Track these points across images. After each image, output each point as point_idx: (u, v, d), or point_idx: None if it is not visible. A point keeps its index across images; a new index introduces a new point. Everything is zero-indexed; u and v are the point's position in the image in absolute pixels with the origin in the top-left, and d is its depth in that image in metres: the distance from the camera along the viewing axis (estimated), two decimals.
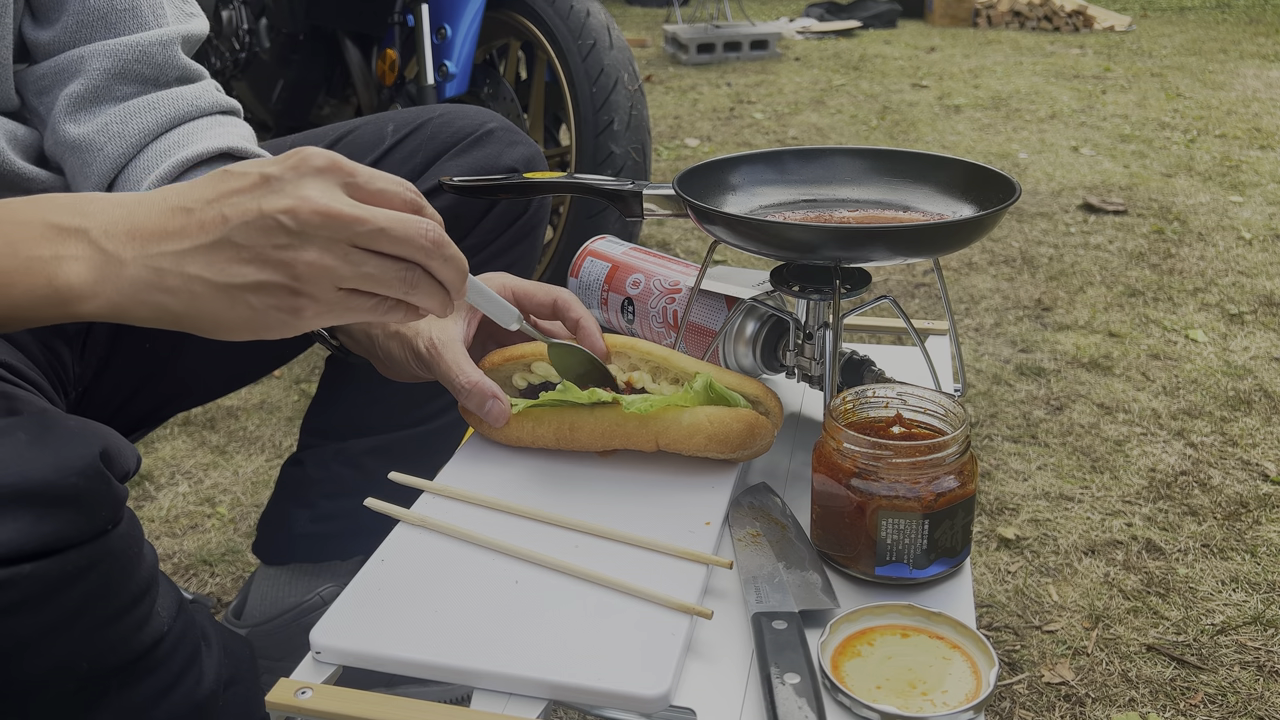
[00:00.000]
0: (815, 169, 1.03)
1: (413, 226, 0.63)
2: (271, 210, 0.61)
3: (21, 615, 0.60)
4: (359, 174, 0.64)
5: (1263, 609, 1.40)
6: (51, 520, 0.60)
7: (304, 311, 0.63)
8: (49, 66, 0.88)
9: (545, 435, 0.87)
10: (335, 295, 0.63)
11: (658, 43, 6.38)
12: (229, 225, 0.61)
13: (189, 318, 0.63)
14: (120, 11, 0.89)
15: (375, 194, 0.64)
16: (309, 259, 0.61)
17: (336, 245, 0.62)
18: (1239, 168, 3.47)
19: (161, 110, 0.89)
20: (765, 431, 0.84)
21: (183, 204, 0.62)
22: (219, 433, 1.93)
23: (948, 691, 0.64)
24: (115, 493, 0.64)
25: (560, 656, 0.66)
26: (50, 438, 0.61)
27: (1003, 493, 1.67)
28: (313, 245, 0.61)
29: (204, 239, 0.61)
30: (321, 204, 0.61)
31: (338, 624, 0.69)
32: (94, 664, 0.66)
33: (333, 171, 0.63)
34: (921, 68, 5.43)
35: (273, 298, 0.62)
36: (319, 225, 0.61)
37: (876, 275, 2.65)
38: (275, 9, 2.47)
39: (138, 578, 0.67)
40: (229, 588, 1.51)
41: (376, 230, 0.62)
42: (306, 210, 0.61)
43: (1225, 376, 2.06)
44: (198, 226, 0.62)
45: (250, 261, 0.61)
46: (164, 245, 0.61)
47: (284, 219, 0.61)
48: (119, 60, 0.88)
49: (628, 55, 2.26)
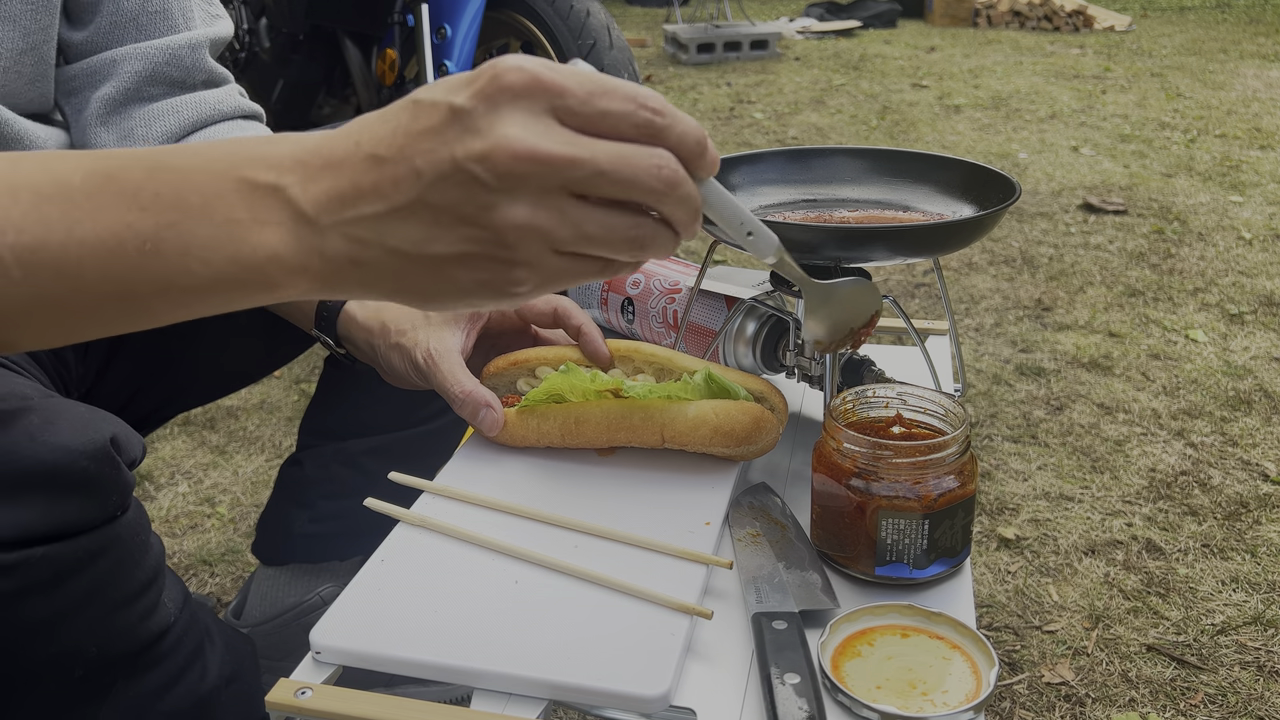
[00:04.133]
0: (815, 169, 1.03)
1: (644, 163, 0.50)
2: (465, 157, 0.49)
3: (33, 598, 0.60)
4: (570, 90, 0.50)
5: (1263, 609, 1.40)
6: (63, 504, 0.60)
7: (521, 285, 0.52)
8: (81, 68, 0.89)
9: (550, 432, 0.87)
10: (556, 262, 0.52)
11: (658, 43, 6.38)
12: (423, 181, 0.49)
13: (397, 293, 0.53)
14: (151, 14, 0.89)
15: (596, 117, 0.50)
16: (516, 219, 0.49)
17: (549, 197, 0.50)
18: (1239, 168, 3.47)
19: (185, 114, 0.90)
20: (771, 426, 0.84)
21: (374, 151, 0.51)
22: (219, 433, 1.93)
23: (948, 691, 0.64)
24: (125, 478, 0.64)
25: (560, 656, 0.66)
26: (61, 423, 0.61)
27: (1003, 493, 1.67)
28: (520, 200, 0.49)
29: (399, 199, 0.50)
30: (523, 145, 0.48)
31: (338, 624, 0.69)
32: (102, 650, 0.66)
33: (534, 93, 0.49)
34: (921, 68, 5.43)
35: (482, 270, 0.51)
36: (523, 174, 0.49)
37: (876, 275, 2.65)
38: (275, 9, 2.47)
39: (145, 566, 0.68)
40: (229, 588, 1.51)
41: (596, 173, 0.49)
42: (505, 155, 0.48)
43: (1225, 376, 2.06)
44: (391, 182, 0.50)
45: (450, 226, 0.50)
46: (360, 207, 0.50)
47: (479, 170, 0.49)
48: (150, 63, 0.89)
49: (628, 55, 2.26)
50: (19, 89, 0.83)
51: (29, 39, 0.82)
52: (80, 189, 0.49)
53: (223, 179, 0.50)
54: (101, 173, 0.50)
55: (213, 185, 0.50)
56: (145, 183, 0.50)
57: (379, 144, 0.51)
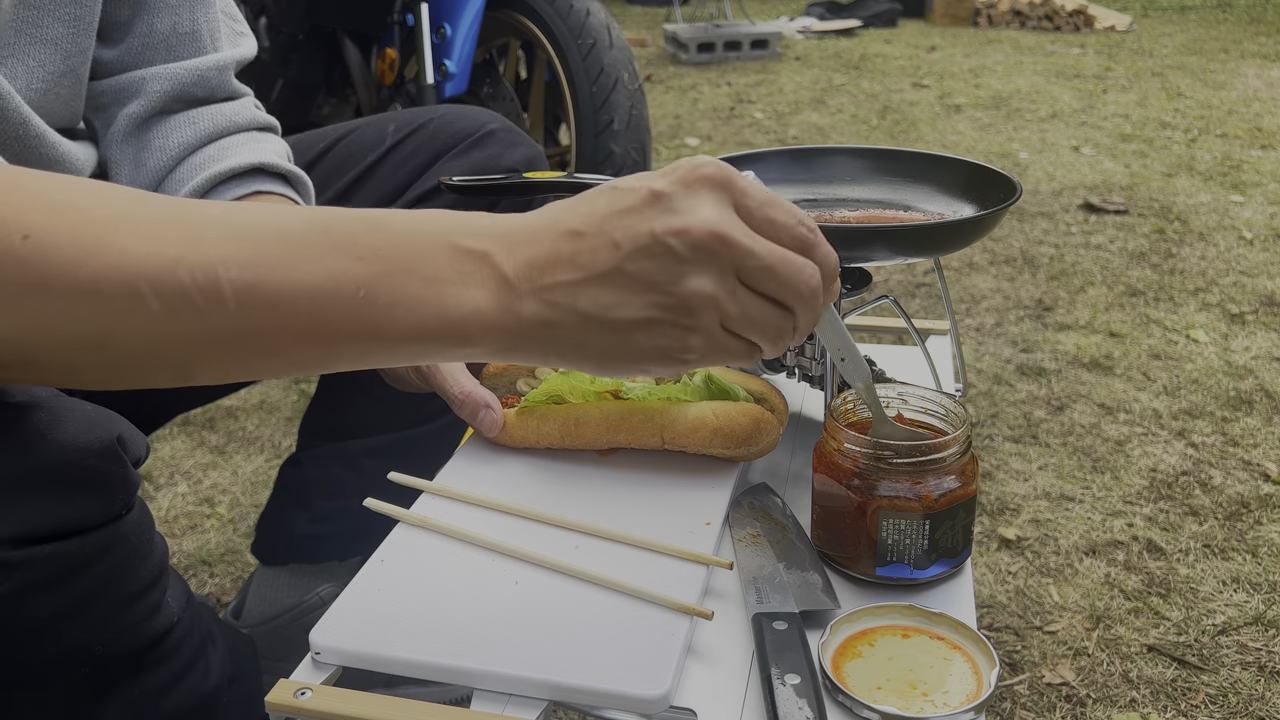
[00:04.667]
0: (816, 168, 1.03)
1: (800, 271, 0.57)
2: (663, 232, 0.54)
3: (39, 596, 0.61)
4: (751, 195, 0.57)
5: (1264, 609, 1.40)
6: (70, 502, 0.60)
7: (691, 351, 0.57)
8: (109, 85, 0.90)
9: (550, 433, 0.87)
10: (720, 335, 0.57)
11: (658, 42, 6.38)
12: (621, 252, 0.55)
13: (573, 357, 0.57)
14: (182, 35, 0.90)
15: (765, 222, 0.57)
16: (699, 288, 0.55)
17: (727, 276, 0.55)
18: (1240, 167, 3.47)
19: (201, 125, 0.91)
20: (770, 428, 0.84)
21: (573, 227, 0.56)
22: (218, 433, 1.93)
23: (949, 692, 0.64)
24: (130, 477, 0.64)
25: (560, 657, 0.66)
26: (69, 421, 0.61)
27: (1003, 493, 1.67)
28: (704, 273, 0.55)
29: (596, 268, 0.55)
30: (717, 225, 0.54)
31: (337, 624, 0.69)
32: (107, 649, 0.66)
33: (726, 187, 0.56)
34: (922, 67, 5.43)
35: (662, 336, 0.56)
36: (712, 251, 0.55)
37: (877, 275, 2.65)
38: (275, 9, 2.47)
39: (150, 564, 0.68)
40: (228, 588, 1.51)
41: (765, 268, 0.56)
42: (700, 231, 0.54)
43: (1226, 376, 2.06)
44: (589, 253, 0.55)
45: (641, 292, 0.55)
46: (557, 274, 0.55)
47: (674, 243, 0.54)
48: (178, 84, 0.90)
49: (628, 55, 2.26)
50: (56, 108, 0.84)
51: (69, 61, 0.83)
52: (299, 235, 0.53)
53: (435, 241, 0.55)
54: (320, 224, 0.54)
55: (425, 246, 0.55)
56: (362, 236, 0.54)
57: (578, 221, 0.56)
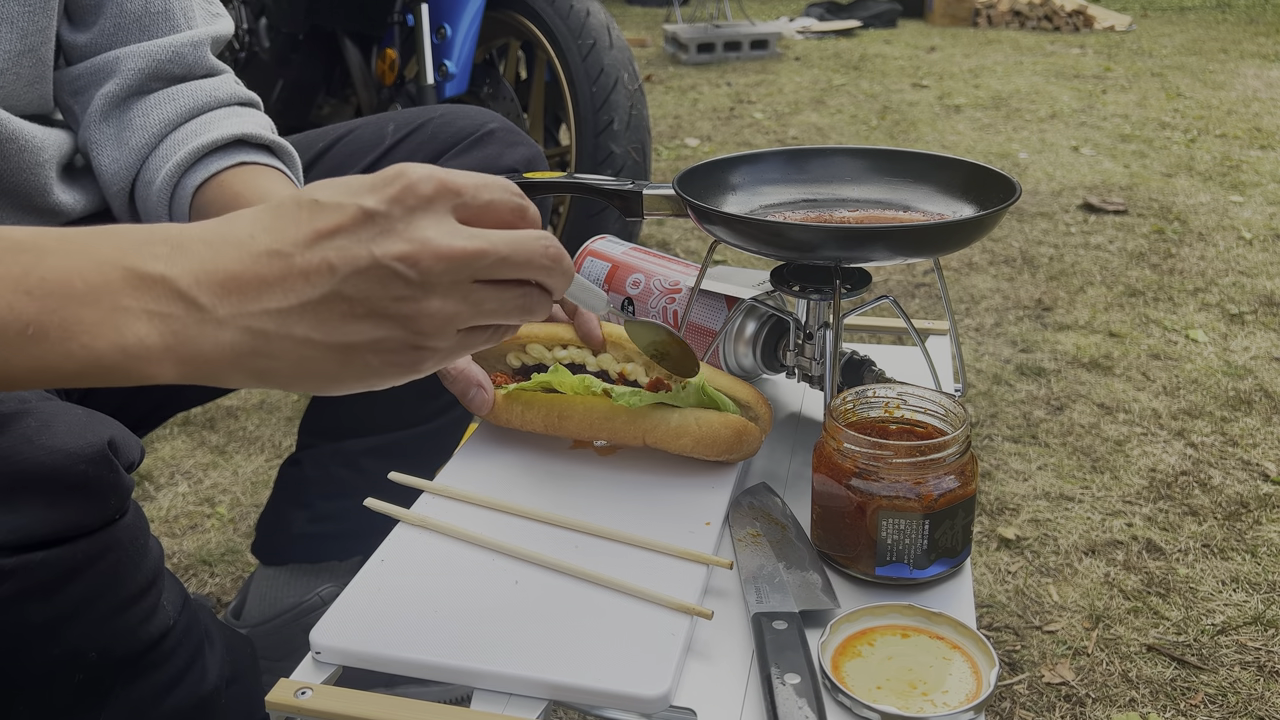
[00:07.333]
0: (815, 169, 1.03)
1: (533, 248, 0.56)
2: (386, 258, 0.52)
3: (32, 603, 0.60)
4: (465, 189, 0.55)
5: (1263, 609, 1.40)
6: (62, 508, 0.60)
7: (424, 363, 0.57)
8: (85, 68, 0.89)
9: (534, 420, 0.87)
10: (456, 339, 0.57)
11: (658, 42, 6.38)
12: (337, 276, 0.52)
13: (295, 380, 0.55)
14: (154, 14, 0.90)
15: (484, 208, 0.56)
16: (432, 310, 0.54)
17: (459, 287, 0.54)
18: (1239, 167, 3.47)
19: (181, 101, 0.91)
20: (752, 438, 0.85)
21: (275, 246, 0.53)
22: (218, 433, 1.93)
23: (948, 692, 0.64)
24: (123, 482, 0.64)
25: (560, 656, 0.66)
26: (59, 426, 0.61)
27: (1003, 493, 1.67)
28: (435, 293, 0.54)
29: (310, 293, 0.52)
30: (444, 246, 0.53)
31: (338, 624, 0.69)
32: (102, 654, 0.66)
33: (442, 197, 0.54)
34: (922, 67, 5.43)
35: (392, 354, 0.55)
36: (441, 271, 0.53)
37: (877, 275, 2.65)
38: (275, 9, 2.47)
39: (145, 569, 0.68)
40: (228, 588, 1.51)
41: (499, 261, 0.55)
42: (428, 256, 0.53)
43: (1225, 376, 2.06)
44: (300, 276, 0.52)
45: (366, 317, 0.53)
46: (264, 301, 0.52)
47: (402, 268, 0.52)
48: (153, 61, 0.89)
49: (628, 55, 2.26)
50: (18, 91, 0.84)
51: (26, 40, 0.82)
52: None
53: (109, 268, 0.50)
54: None
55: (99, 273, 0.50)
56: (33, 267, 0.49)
57: (279, 241, 0.53)
